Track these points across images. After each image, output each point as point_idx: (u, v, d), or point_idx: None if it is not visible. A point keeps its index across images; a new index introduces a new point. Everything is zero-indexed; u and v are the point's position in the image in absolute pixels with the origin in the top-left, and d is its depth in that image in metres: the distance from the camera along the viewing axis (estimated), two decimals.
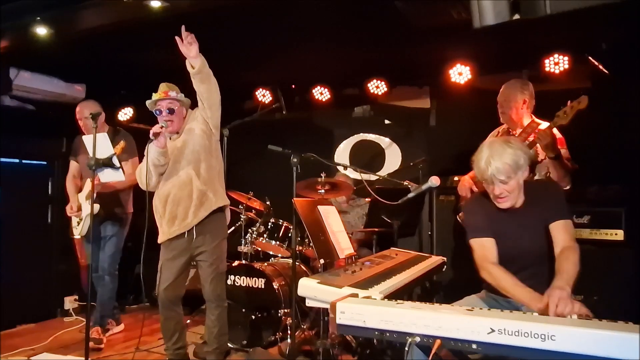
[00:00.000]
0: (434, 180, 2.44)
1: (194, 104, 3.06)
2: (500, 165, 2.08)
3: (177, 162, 2.96)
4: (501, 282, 2.09)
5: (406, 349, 1.56)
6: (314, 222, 2.63)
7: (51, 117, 4.65)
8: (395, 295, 2.17)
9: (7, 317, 4.31)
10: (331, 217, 2.78)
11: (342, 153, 5.23)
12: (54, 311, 4.72)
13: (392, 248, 3.37)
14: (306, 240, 3.97)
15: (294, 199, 2.67)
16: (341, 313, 1.68)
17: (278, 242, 4.00)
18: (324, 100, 5.06)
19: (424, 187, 2.49)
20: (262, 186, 4.51)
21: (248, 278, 3.73)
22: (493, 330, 1.47)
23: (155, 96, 2.95)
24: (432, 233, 4.24)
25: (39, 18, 2.80)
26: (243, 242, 4.08)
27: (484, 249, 2.20)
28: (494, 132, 3.33)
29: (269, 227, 4.02)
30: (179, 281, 3.08)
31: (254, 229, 4.06)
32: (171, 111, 2.96)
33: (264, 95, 5.23)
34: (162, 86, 3.02)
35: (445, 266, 3.16)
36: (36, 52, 3.60)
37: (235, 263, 3.81)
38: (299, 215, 2.62)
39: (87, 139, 2.62)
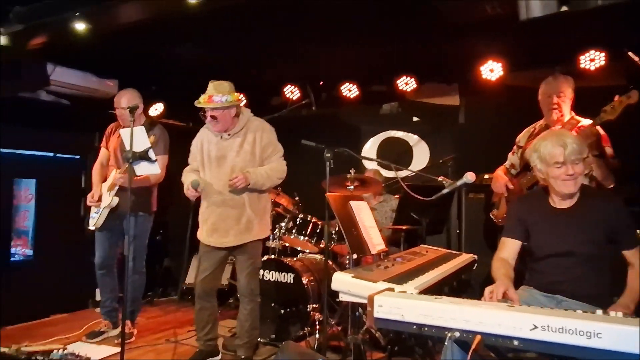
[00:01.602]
0: (470, 176, 2.41)
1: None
2: (576, 145, 2.17)
3: (235, 167, 3.04)
4: (493, 272, 2.26)
5: (445, 343, 1.55)
6: (346, 217, 2.63)
7: (84, 112, 4.73)
8: (429, 291, 2.18)
9: (42, 306, 4.45)
10: (363, 213, 2.78)
11: (370, 150, 5.22)
12: (85, 302, 4.83)
13: (421, 245, 3.35)
14: (334, 236, 3.99)
15: (327, 193, 2.67)
16: (379, 306, 1.68)
17: (306, 238, 4.02)
18: (351, 96, 5.05)
19: (459, 183, 2.46)
20: (290, 182, 4.53)
21: (277, 273, 3.77)
22: (536, 327, 1.44)
23: (201, 99, 3.00)
24: (460, 231, 4.21)
25: (77, 13, 2.85)
26: (271, 237, 4.10)
27: (502, 246, 2.39)
28: (530, 129, 3.28)
29: (298, 222, 4.05)
30: (216, 273, 3.15)
31: (283, 224, 4.10)
32: (213, 117, 3.01)
33: (292, 92, 5.24)
34: (209, 88, 3.03)
35: (475, 264, 3.13)
36: (72, 47, 3.67)
37: (264, 258, 3.83)
38: (331, 209, 2.61)
39: (124, 132, 2.66)
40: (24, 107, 4.10)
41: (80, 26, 2.97)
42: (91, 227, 3.79)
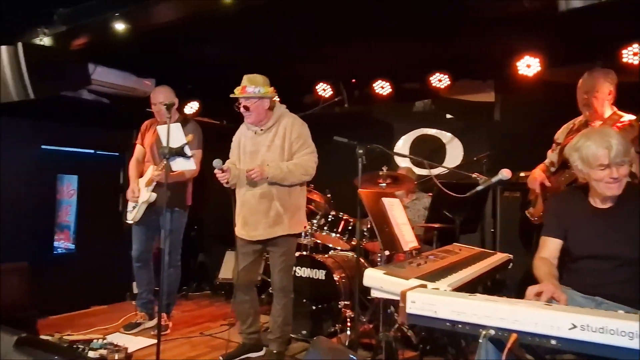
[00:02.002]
0: (505, 173, 2.36)
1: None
2: (621, 147, 2.08)
3: (265, 161, 3.08)
4: (536, 271, 2.20)
5: (480, 341, 1.52)
6: (378, 214, 2.62)
7: (123, 111, 4.88)
8: (462, 289, 2.15)
9: (82, 297, 4.62)
10: (395, 210, 2.76)
11: (402, 148, 5.18)
12: (123, 294, 4.99)
13: (454, 243, 3.31)
14: (366, 234, 3.98)
15: (360, 190, 2.67)
16: (412, 302, 1.66)
17: (338, 235, 4.03)
18: (384, 94, 5.02)
19: (494, 179, 2.41)
20: (322, 179, 4.55)
21: (309, 269, 3.78)
22: (575, 326, 1.40)
23: (235, 90, 3.07)
24: (495, 230, 4.13)
25: (117, 14, 2.93)
26: (303, 234, 4.12)
27: (543, 245, 2.31)
28: (568, 125, 3.18)
29: (329, 219, 4.06)
30: (253, 267, 3.19)
31: (314, 221, 4.11)
32: (246, 108, 3.06)
33: (324, 90, 5.25)
34: (243, 80, 3.10)
35: (511, 264, 3.07)
36: (112, 47, 3.78)
37: (297, 254, 3.84)
38: (363, 206, 2.60)
39: (161, 129, 2.73)
40: (67, 105, 4.25)
41: (119, 26, 3.05)
42: (129, 221, 3.90)
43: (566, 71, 3.98)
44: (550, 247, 2.29)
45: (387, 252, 2.58)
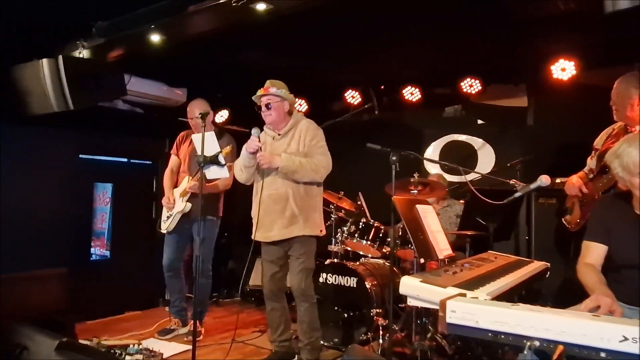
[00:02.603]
0: (544, 179, 2.30)
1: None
2: None
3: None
4: (583, 277, 2.11)
5: (524, 352, 1.48)
6: (413, 221, 2.59)
7: (156, 120, 4.98)
8: (501, 298, 2.10)
9: (117, 303, 4.71)
10: (429, 217, 2.73)
11: (432, 154, 5.12)
12: (156, 300, 5.06)
13: (489, 251, 3.24)
14: (397, 241, 3.93)
15: (394, 197, 2.64)
16: (452, 312, 1.63)
17: (369, 242, 3.98)
18: (414, 100, 4.98)
19: (533, 186, 2.36)
20: (352, 186, 4.53)
21: (340, 276, 3.76)
22: (626, 339, 1.35)
23: (258, 92, 3.13)
24: (529, 237, 4.03)
25: (153, 26, 3.00)
26: (333, 241, 4.12)
27: (587, 251, 2.24)
28: (608, 130, 3.08)
29: (360, 227, 4.03)
30: (279, 274, 3.18)
31: (345, 228, 4.08)
32: (268, 106, 3.10)
33: (353, 97, 5.25)
34: (267, 83, 3.19)
35: (548, 272, 2.99)
36: (146, 58, 3.88)
37: (327, 261, 3.84)
38: (397, 213, 2.58)
39: (196, 138, 2.78)
40: (103, 115, 4.36)
41: (155, 37, 3.12)
42: (163, 231, 3.97)
43: (603, 74, 3.87)
44: (594, 253, 2.21)
45: (422, 260, 2.54)
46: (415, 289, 2.11)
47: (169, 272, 3.99)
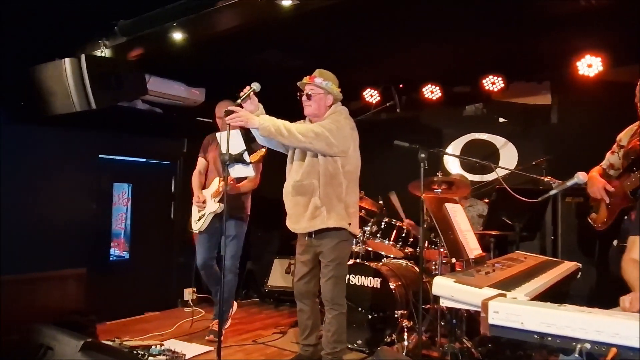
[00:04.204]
0: (582, 176, 2.23)
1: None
2: None
3: (313, 155, 2.97)
4: (628, 274, 2.07)
5: (576, 355, 1.42)
6: (442, 220, 2.55)
7: (175, 120, 4.97)
8: (538, 299, 2.06)
9: (137, 304, 4.70)
10: (459, 216, 2.68)
11: (452, 153, 5.05)
12: (175, 301, 5.05)
13: (517, 251, 3.18)
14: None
15: (423, 195, 2.59)
16: (494, 313, 1.58)
17: (391, 242, 3.95)
18: (434, 98, 4.94)
19: (569, 183, 2.29)
20: (373, 186, 4.49)
21: (363, 277, 3.72)
22: None
23: (304, 79, 3.05)
24: (555, 237, 3.96)
25: (175, 24, 2.97)
26: (354, 241, 4.05)
27: (634, 245, 2.16)
28: (633, 127, 2.99)
29: (382, 226, 3.99)
30: (309, 276, 3.10)
31: (367, 228, 4.04)
32: (309, 97, 3.02)
33: (371, 95, 5.21)
34: (315, 71, 3.10)
35: (580, 273, 2.92)
36: (165, 57, 3.85)
37: (350, 262, 3.79)
38: (424, 212, 2.52)
39: (220, 136, 2.74)
40: (122, 115, 4.35)
41: (177, 36, 3.09)
42: (195, 230, 4.01)
43: (629, 71, 3.79)
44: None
45: (453, 260, 2.48)
46: (449, 290, 2.07)
47: (203, 270, 4.04)
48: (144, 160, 5.05)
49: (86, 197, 4.36)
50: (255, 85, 2.82)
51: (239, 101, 2.73)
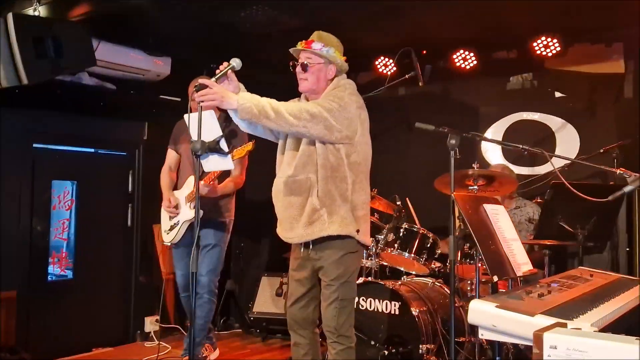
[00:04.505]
0: None
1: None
2: None
3: (310, 143, 2.93)
4: None
5: None
6: (480, 225, 2.52)
7: (132, 99, 4.95)
8: (608, 329, 2.03)
9: (83, 337, 4.67)
10: (502, 220, 2.67)
11: (493, 139, 5.03)
12: (133, 334, 5.03)
13: (580, 267, 3.16)
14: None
15: (455, 193, 2.58)
16: (551, 348, 1.58)
17: (412, 255, 3.96)
18: (467, 67, 4.91)
19: None
20: (388, 182, 4.46)
21: (377, 300, 3.72)
22: None
23: (298, 45, 3.00)
24: (631, 249, 3.94)
25: None
26: (365, 254, 4.04)
27: None
28: None
29: (401, 234, 4.00)
30: (306, 299, 3.07)
31: (380, 237, 4.05)
32: (304, 67, 2.97)
33: (385, 65, 5.20)
34: (314, 34, 3.04)
35: None
36: (118, 18, 3.82)
37: (360, 280, 3.78)
38: (461, 215, 2.50)
39: (189, 118, 2.70)
40: (63, 93, 4.33)
41: None
42: (166, 243, 4.06)
43: None
44: None
45: (495, 278, 2.44)
46: (490, 318, 2.04)
47: (186, 293, 4.12)
48: (93, 150, 5.04)
49: (15, 198, 4.33)
50: (235, 62, 2.75)
51: (213, 79, 2.69)
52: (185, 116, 2.73)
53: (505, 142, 4.71)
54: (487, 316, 2.05)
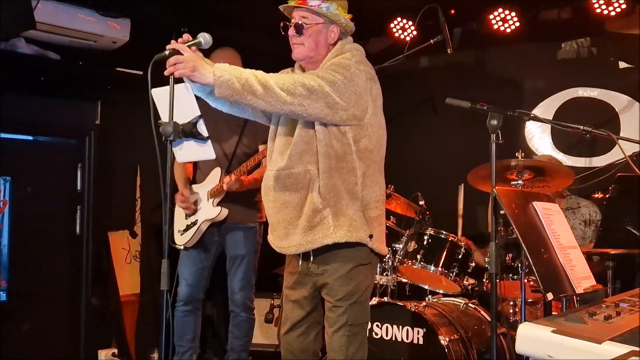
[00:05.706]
0: None
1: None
2: None
3: (308, 126, 2.93)
4: None
5: None
6: (529, 229, 2.51)
7: (81, 72, 4.95)
8: None
9: None
10: (557, 223, 2.65)
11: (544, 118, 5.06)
12: None
13: None
14: (487, 266, 3.89)
15: (496, 187, 2.58)
16: None
17: (440, 269, 3.97)
18: (508, 31, 4.96)
19: None
20: (408, 176, 4.46)
21: (395, 327, 3.75)
22: None
23: (290, 1, 2.99)
24: None
25: None
26: (379, 267, 4.05)
27: None
28: None
29: (425, 243, 4.01)
30: (306, 324, 3.10)
31: (399, 246, 4.07)
32: (299, 29, 2.95)
33: (404, 28, 5.26)
34: None
35: None
36: None
37: (374, 301, 3.79)
38: (505, 216, 2.50)
39: (158, 94, 2.68)
40: None
41: None
42: (179, 246, 4.15)
43: None
44: None
45: (549, 296, 2.44)
46: (545, 346, 2.04)
47: (185, 307, 4.21)
48: (31, 138, 5.05)
49: None
50: (204, 38, 2.71)
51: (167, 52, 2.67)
52: (153, 92, 2.71)
53: (562, 123, 4.71)
54: (540, 344, 2.05)
